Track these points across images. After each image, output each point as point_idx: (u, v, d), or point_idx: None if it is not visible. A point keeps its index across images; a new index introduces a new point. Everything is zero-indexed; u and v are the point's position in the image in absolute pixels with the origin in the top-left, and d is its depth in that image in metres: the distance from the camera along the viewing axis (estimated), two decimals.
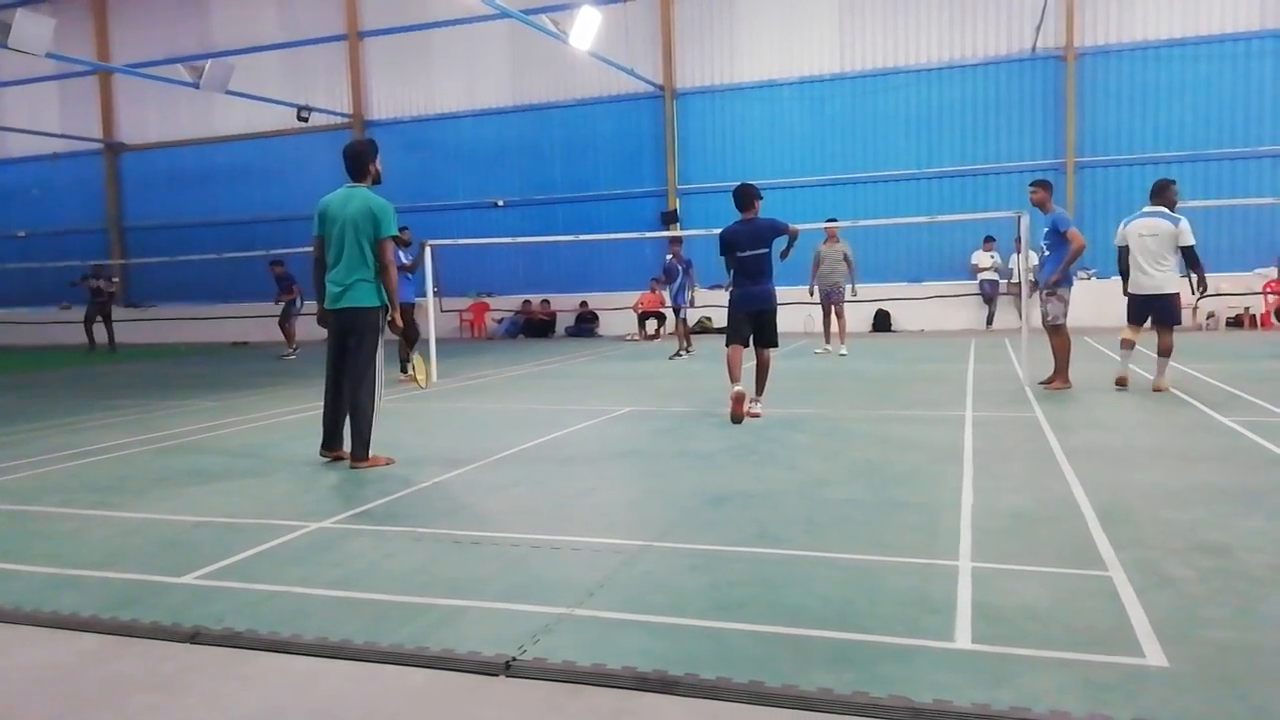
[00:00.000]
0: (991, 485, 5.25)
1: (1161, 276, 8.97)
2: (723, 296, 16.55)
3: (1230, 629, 3.09)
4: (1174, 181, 9.27)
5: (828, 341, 14.75)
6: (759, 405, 8.18)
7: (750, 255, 8.10)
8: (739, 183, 8.43)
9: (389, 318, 6.45)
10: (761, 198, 8.27)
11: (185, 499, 5.55)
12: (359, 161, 6.38)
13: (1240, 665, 2.81)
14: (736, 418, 7.75)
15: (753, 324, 8.21)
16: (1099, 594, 3.44)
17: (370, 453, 6.30)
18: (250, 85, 21.86)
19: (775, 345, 8.35)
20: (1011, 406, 8.34)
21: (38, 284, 25.93)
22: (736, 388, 7.80)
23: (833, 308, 14.51)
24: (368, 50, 24.34)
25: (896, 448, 6.55)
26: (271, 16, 24.89)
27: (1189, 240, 8.85)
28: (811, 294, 14.66)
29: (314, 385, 12.02)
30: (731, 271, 8.29)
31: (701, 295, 18.37)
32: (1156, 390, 8.86)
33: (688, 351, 15.11)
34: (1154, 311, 9.02)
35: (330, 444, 6.53)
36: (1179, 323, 9.05)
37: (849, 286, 14.57)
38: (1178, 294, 9.00)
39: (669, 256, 15.04)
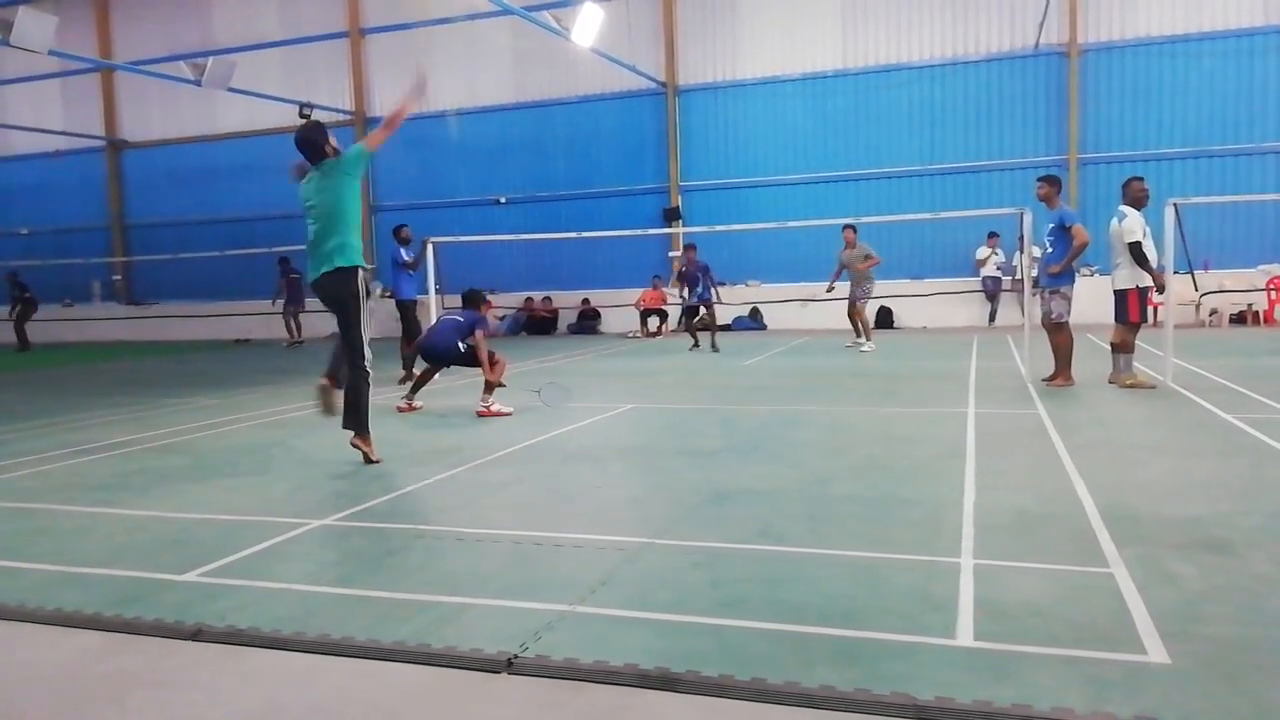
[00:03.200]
0: (994, 482, 5.25)
1: (1115, 274, 9.11)
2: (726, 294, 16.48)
3: (1232, 625, 3.08)
4: (1137, 179, 9.19)
5: (859, 336, 14.99)
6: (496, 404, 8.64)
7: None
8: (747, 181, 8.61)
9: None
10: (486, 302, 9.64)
11: (187, 496, 5.55)
12: (312, 146, 6.35)
13: (1242, 662, 2.81)
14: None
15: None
16: (1101, 591, 3.44)
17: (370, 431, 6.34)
18: (252, 83, 21.87)
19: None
20: (1014, 403, 8.33)
21: (40, 282, 25.91)
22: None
23: (853, 303, 14.89)
24: (369, 47, 24.32)
25: (899, 445, 6.54)
26: (273, 14, 24.87)
27: (1129, 238, 8.85)
28: (830, 290, 15.12)
29: (312, 385, 12.04)
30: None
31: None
32: (1111, 383, 9.12)
33: (699, 347, 15.65)
34: (1115, 308, 9.15)
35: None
36: (1125, 320, 9.03)
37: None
38: (1127, 291, 8.99)
39: (684, 265, 15.48)
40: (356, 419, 6.32)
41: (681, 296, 15.98)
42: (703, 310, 15.84)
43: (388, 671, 2.97)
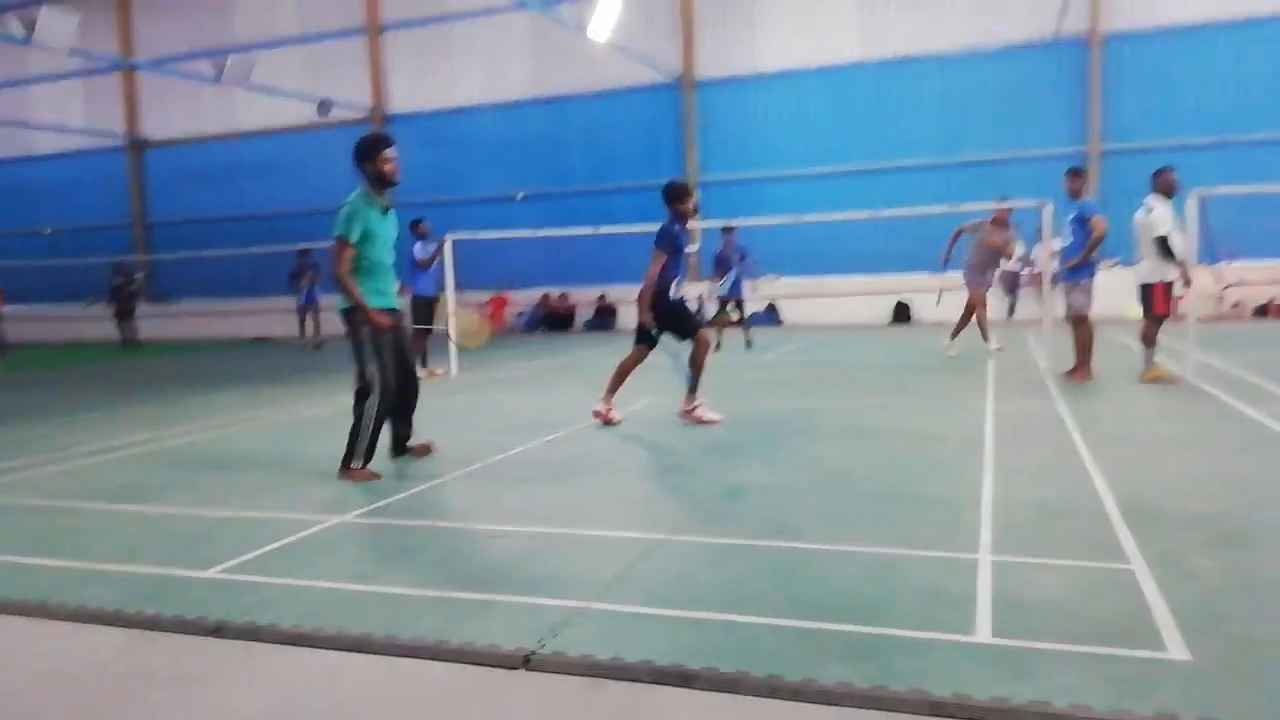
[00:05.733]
0: (1012, 477, 5.22)
1: (1141, 266, 8.99)
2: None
3: (1254, 622, 3.06)
4: (1167, 168, 8.98)
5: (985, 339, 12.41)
6: (700, 408, 7.52)
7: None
8: (762, 174, 8.36)
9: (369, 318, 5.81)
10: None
11: (208, 494, 5.60)
12: (355, 160, 5.93)
13: (1264, 659, 2.78)
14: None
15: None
16: (1121, 587, 3.42)
17: (357, 464, 5.82)
18: (271, 79, 22.01)
19: (684, 336, 7.66)
20: (1032, 398, 8.27)
21: (64, 280, 26.18)
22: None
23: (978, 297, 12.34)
24: (388, 43, 24.41)
25: (916, 440, 6.51)
26: (291, 10, 25.01)
27: (1158, 230, 8.70)
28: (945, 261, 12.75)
29: (335, 380, 12.13)
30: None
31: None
32: (1143, 380, 8.92)
33: (719, 348, 15.17)
34: (1141, 301, 9.04)
35: (396, 448, 6.34)
36: (1152, 313, 8.94)
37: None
38: (1153, 285, 8.86)
39: (721, 247, 14.59)
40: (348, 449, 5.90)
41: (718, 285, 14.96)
42: (729, 305, 14.93)
43: (406, 668, 2.99)
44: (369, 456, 5.87)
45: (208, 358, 17.94)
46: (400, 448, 6.41)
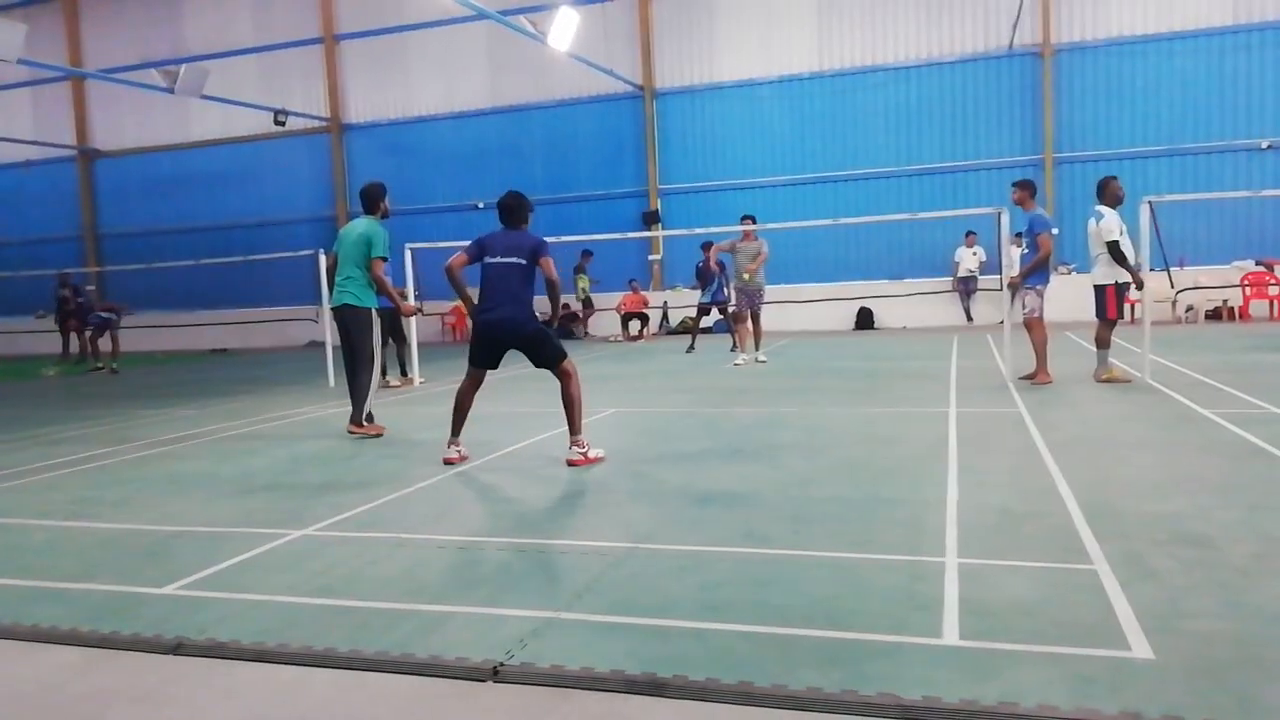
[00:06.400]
0: (976, 481, 5.26)
1: (1094, 271, 9.26)
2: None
3: (1214, 619, 3.10)
4: (1112, 178, 9.31)
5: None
6: (577, 449, 6.29)
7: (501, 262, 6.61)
8: (723, 183, 8.41)
9: (397, 309, 8.93)
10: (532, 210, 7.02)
11: (166, 508, 5.49)
12: (369, 199, 8.01)
13: (1225, 655, 2.82)
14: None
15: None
16: (1084, 588, 3.45)
17: (365, 421, 7.92)
18: (226, 89, 21.69)
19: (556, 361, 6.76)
20: (995, 402, 8.37)
21: (11, 293, 25.56)
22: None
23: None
24: (344, 53, 24.22)
25: (881, 445, 6.56)
26: (246, 20, 24.73)
27: (1107, 236, 8.96)
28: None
29: (291, 394, 11.97)
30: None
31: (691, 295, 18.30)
32: (1098, 380, 9.13)
33: (694, 350, 15.57)
34: (1094, 304, 9.28)
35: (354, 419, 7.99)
36: (1102, 316, 9.18)
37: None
38: (1105, 287, 9.13)
39: (702, 261, 15.32)
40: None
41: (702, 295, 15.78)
42: (715, 310, 15.80)
43: (373, 682, 2.94)
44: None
45: (161, 370, 17.62)
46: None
